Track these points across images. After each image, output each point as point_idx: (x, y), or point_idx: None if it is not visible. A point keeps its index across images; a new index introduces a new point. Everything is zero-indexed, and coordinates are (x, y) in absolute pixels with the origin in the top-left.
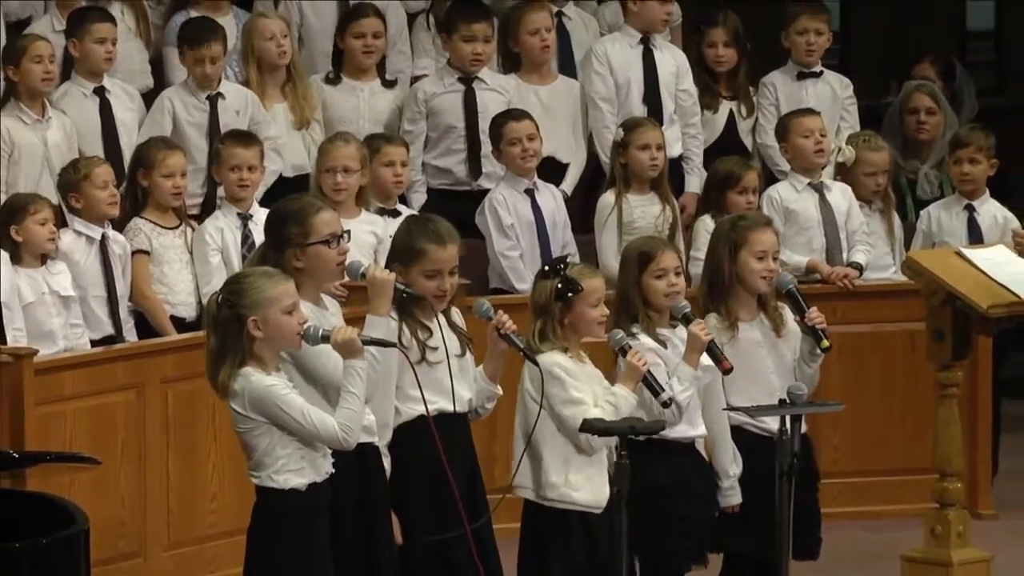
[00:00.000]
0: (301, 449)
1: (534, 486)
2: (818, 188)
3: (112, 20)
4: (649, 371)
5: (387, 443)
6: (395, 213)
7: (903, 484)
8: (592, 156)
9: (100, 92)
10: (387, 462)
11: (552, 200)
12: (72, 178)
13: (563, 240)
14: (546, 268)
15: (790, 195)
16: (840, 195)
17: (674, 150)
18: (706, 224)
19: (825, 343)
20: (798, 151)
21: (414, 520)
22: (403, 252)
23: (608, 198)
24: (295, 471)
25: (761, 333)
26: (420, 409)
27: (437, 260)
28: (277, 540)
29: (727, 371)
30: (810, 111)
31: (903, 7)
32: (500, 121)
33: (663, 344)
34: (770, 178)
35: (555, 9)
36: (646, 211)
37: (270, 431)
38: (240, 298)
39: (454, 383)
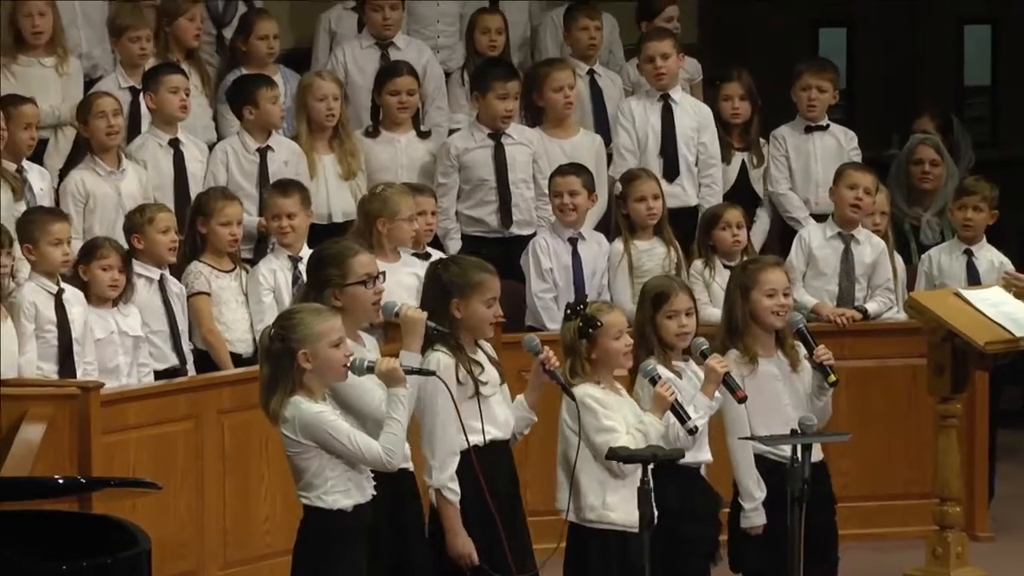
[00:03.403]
0: (348, 471)
1: (574, 508)
2: (846, 239)
3: (183, 73)
4: (677, 400)
5: (453, 471)
6: (426, 256)
7: (906, 508)
8: None
9: (175, 144)
10: (456, 485)
11: (597, 248)
12: (137, 221)
13: (599, 287)
14: (568, 311)
15: (818, 239)
16: (869, 247)
17: (691, 199)
18: (697, 268)
19: (832, 377)
20: (839, 200)
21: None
22: (460, 286)
23: (617, 246)
24: (343, 492)
25: (778, 368)
26: (472, 440)
27: (493, 288)
28: (325, 558)
29: (741, 400)
30: (864, 167)
31: (904, 65)
32: (551, 173)
33: (678, 375)
34: (782, 224)
35: (586, 68)
36: (652, 254)
37: (319, 454)
38: (291, 332)
39: (500, 412)
